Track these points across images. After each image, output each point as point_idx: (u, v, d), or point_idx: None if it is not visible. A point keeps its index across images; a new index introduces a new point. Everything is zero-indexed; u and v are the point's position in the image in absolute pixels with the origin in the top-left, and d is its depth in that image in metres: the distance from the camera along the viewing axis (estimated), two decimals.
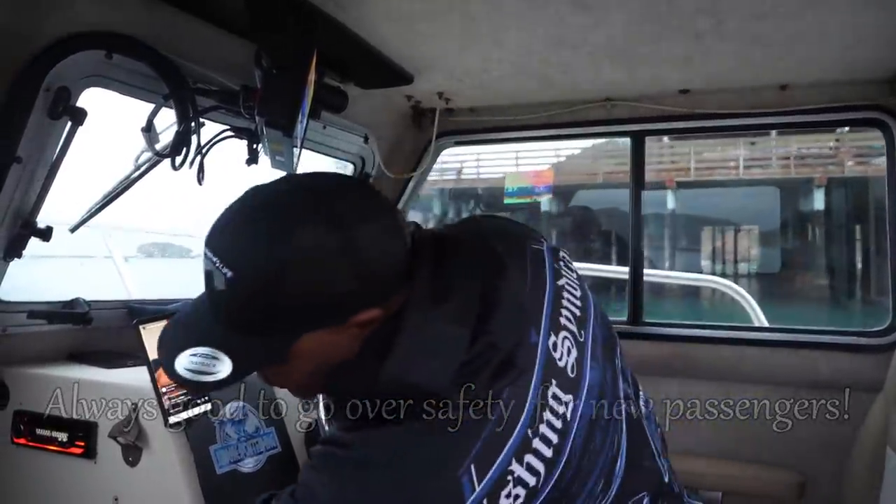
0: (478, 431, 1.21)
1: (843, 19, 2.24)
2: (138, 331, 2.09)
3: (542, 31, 2.39)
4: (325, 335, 1.27)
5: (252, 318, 1.23)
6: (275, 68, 2.17)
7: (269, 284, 1.19)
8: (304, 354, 1.28)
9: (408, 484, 1.19)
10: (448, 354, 1.25)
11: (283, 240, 1.18)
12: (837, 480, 2.78)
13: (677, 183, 32.81)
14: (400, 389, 1.23)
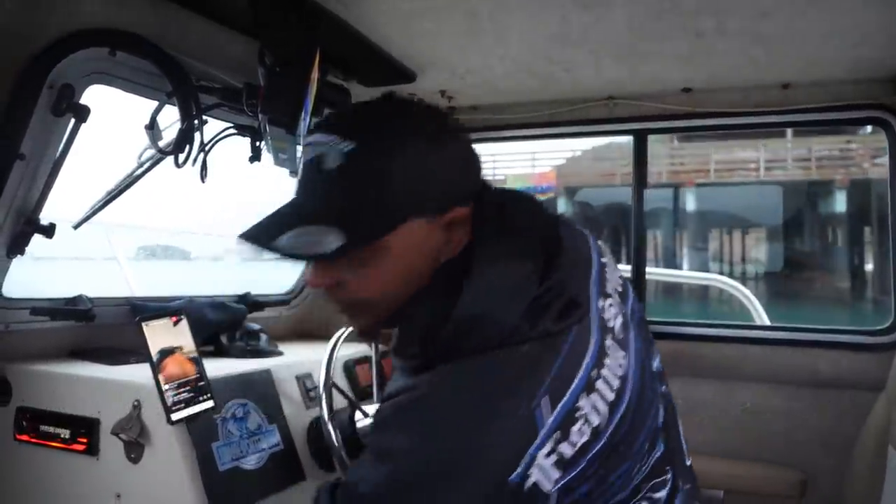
0: (548, 366, 1.25)
1: (846, 18, 2.24)
2: (141, 328, 2.09)
3: (545, 30, 2.39)
4: (421, 229, 1.31)
5: (366, 192, 1.27)
6: (278, 66, 2.17)
7: (387, 157, 1.26)
8: (397, 249, 1.30)
9: (484, 417, 1.21)
10: (520, 289, 1.29)
11: (404, 119, 1.33)
12: (839, 479, 2.78)
13: (696, 184, 32.93)
14: (472, 322, 1.26)
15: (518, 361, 1.26)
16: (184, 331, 2.21)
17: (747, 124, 3.19)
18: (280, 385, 2.60)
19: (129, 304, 2.72)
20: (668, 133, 3.41)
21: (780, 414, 3.01)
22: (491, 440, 1.19)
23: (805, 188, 32.47)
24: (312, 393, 2.71)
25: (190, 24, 2.25)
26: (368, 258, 1.31)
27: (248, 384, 2.48)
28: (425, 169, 1.30)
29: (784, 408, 3.02)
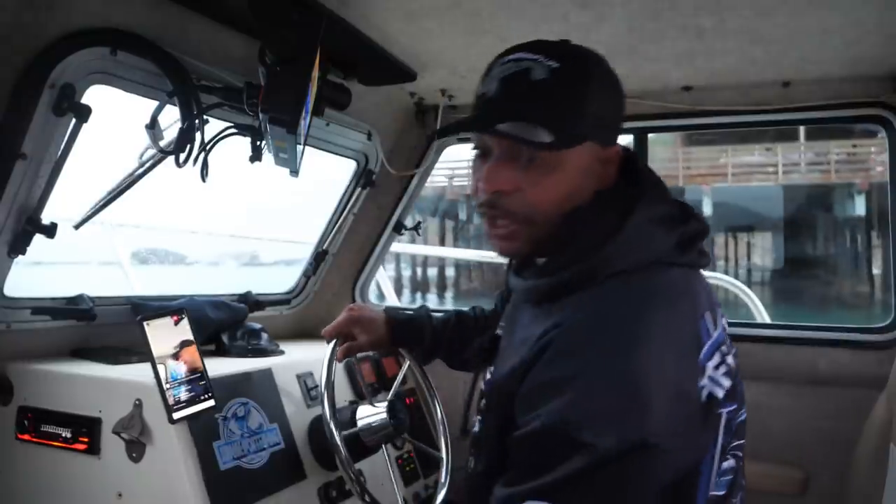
0: (700, 289, 1.51)
1: (846, 16, 2.25)
2: (142, 327, 2.09)
3: (546, 28, 2.39)
4: (592, 154, 1.51)
5: (568, 103, 1.47)
6: (278, 65, 2.17)
7: (584, 81, 1.49)
8: (572, 166, 1.49)
9: (656, 329, 1.33)
10: (675, 222, 1.50)
11: (595, 60, 1.55)
12: (840, 476, 2.78)
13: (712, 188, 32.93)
14: (639, 240, 1.45)
15: (676, 280, 1.46)
16: (185, 330, 2.22)
17: (747, 122, 3.19)
18: (281, 384, 2.61)
19: (130, 304, 2.72)
20: (668, 132, 3.40)
21: (782, 412, 3.01)
22: (666, 350, 1.31)
23: (830, 192, 32.62)
24: (313, 392, 2.72)
25: (190, 24, 2.25)
26: (549, 169, 1.48)
27: (249, 383, 2.48)
28: (607, 101, 1.54)
29: (785, 406, 3.02)
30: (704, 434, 1.37)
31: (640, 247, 1.44)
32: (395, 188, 3.62)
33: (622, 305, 1.38)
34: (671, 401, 1.28)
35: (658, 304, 1.38)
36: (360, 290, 3.89)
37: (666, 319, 1.36)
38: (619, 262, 1.43)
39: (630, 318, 1.35)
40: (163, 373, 2.09)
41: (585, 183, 1.51)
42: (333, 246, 3.62)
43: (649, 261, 1.44)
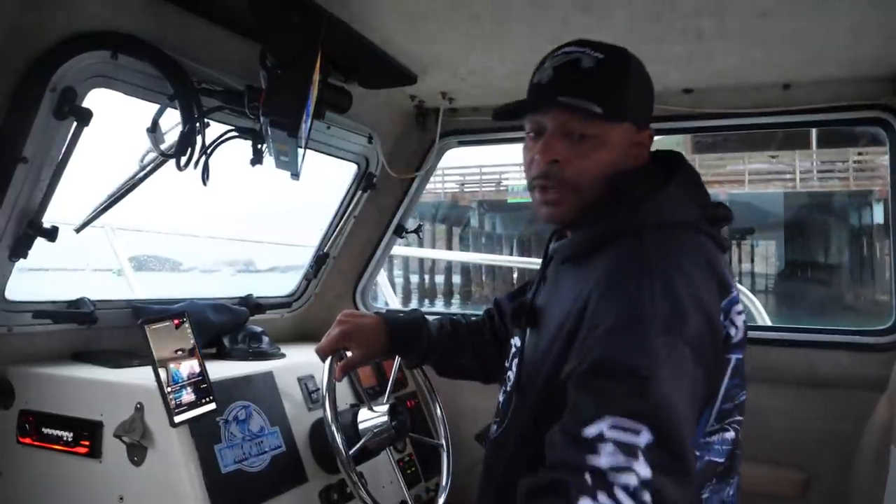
0: (721, 255, 1.71)
1: (845, 18, 2.25)
2: (144, 330, 2.09)
3: (546, 31, 2.39)
4: (629, 134, 1.76)
5: (608, 87, 1.71)
6: (279, 68, 2.18)
7: (624, 70, 1.76)
8: (613, 143, 1.73)
9: (692, 266, 1.58)
10: (704, 200, 1.78)
11: (632, 56, 1.79)
12: (841, 479, 2.78)
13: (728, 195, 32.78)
14: (675, 200, 1.71)
15: (703, 241, 1.69)
16: (186, 333, 2.22)
17: (748, 125, 3.19)
18: (282, 387, 2.61)
19: (132, 307, 2.73)
20: (668, 134, 3.38)
21: (782, 414, 3.01)
22: (698, 279, 1.56)
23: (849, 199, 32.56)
24: (314, 395, 2.72)
25: (191, 27, 2.25)
26: (596, 144, 1.72)
27: (250, 386, 2.48)
28: (643, 89, 1.82)
29: (786, 408, 3.02)
30: (720, 366, 1.60)
31: (674, 207, 1.70)
32: (395, 191, 3.62)
33: (658, 245, 1.60)
34: (703, 318, 1.51)
35: (689, 248, 1.64)
36: (361, 293, 3.89)
37: (696, 259, 1.61)
38: (655, 217, 1.66)
39: (664, 254, 1.58)
40: (164, 376, 2.09)
41: (623, 160, 1.75)
42: (334, 249, 3.62)
43: (681, 221, 1.69)
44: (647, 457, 1.30)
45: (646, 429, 1.32)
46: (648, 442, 1.31)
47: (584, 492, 1.29)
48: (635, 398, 1.36)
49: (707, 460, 1.65)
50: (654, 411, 1.35)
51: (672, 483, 1.31)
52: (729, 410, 1.68)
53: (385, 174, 3.41)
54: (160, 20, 2.15)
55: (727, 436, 1.69)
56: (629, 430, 1.33)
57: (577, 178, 1.73)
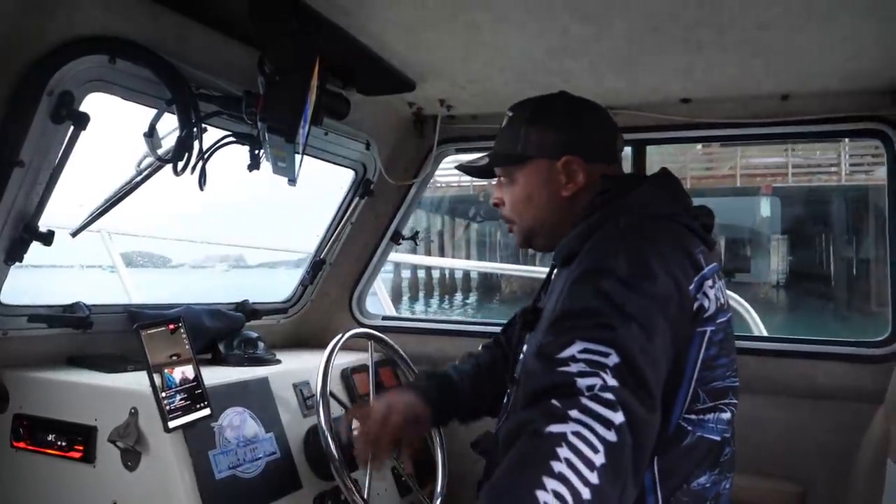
0: (697, 243, 1.75)
1: (844, 30, 2.25)
2: (139, 335, 2.09)
3: (545, 40, 2.39)
4: (543, 167, 1.96)
5: (500, 143, 2.06)
6: (277, 74, 2.17)
7: (521, 119, 2.01)
8: (524, 178, 2.00)
9: (665, 244, 1.67)
10: (682, 196, 1.91)
11: (541, 100, 2.04)
12: (838, 491, 2.78)
13: (773, 189, 32.14)
14: (640, 201, 1.83)
15: (677, 228, 1.77)
16: (181, 338, 2.22)
17: (746, 135, 3.19)
18: (277, 393, 2.60)
19: (127, 312, 2.72)
20: (666, 143, 3.40)
21: (778, 425, 3.01)
22: (677, 254, 1.66)
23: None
24: (309, 401, 2.71)
25: (189, 32, 2.25)
26: (508, 184, 2.04)
27: (245, 392, 2.48)
28: (553, 127, 1.98)
29: (782, 419, 3.01)
30: (689, 331, 1.63)
31: (649, 202, 1.83)
32: (393, 198, 3.62)
33: (631, 225, 1.72)
34: (671, 281, 1.58)
35: (663, 230, 1.73)
36: (357, 300, 3.89)
37: (668, 238, 1.70)
38: (628, 211, 1.79)
39: (638, 230, 1.70)
40: (159, 381, 2.09)
41: (547, 188, 1.97)
42: (331, 255, 3.62)
43: (657, 213, 1.79)
44: (614, 372, 1.36)
45: (613, 352, 1.39)
46: (616, 362, 1.37)
47: (556, 418, 1.30)
48: (602, 329, 1.44)
49: (699, 436, 1.69)
50: (621, 340, 1.41)
51: (637, 400, 1.35)
52: (722, 390, 1.74)
53: (382, 181, 3.41)
54: (158, 25, 2.15)
55: (723, 416, 1.75)
56: (598, 352, 1.39)
57: (509, 213, 2.07)
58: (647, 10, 2.14)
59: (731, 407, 1.78)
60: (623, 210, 1.81)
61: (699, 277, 1.66)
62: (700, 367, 1.66)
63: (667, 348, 1.53)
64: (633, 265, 1.56)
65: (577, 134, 1.98)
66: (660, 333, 1.50)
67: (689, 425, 1.67)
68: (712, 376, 1.70)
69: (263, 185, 4.15)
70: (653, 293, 1.53)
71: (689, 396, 1.66)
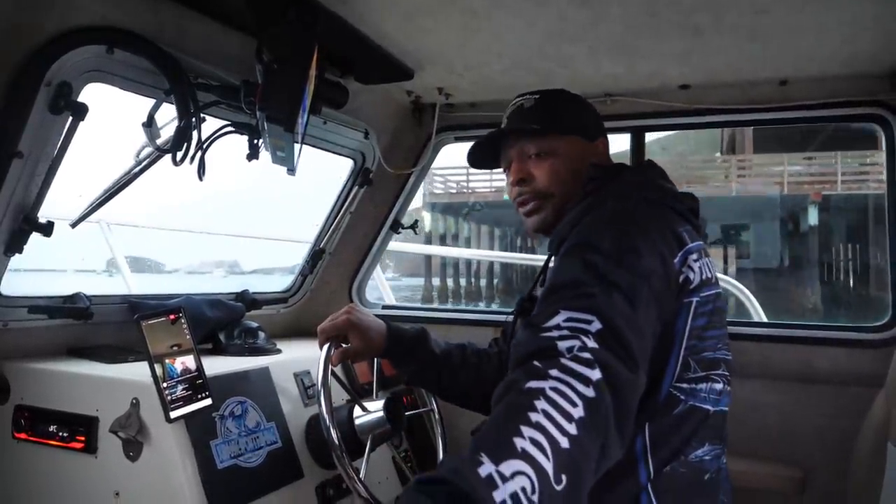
0: (682, 223, 1.82)
1: (842, 14, 2.24)
2: (140, 326, 2.09)
3: (542, 26, 2.39)
4: (578, 145, 2.11)
5: (543, 114, 2.13)
6: (275, 63, 2.17)
7: (559, 99, 2.18)
8: (561, 152, 2.09)
9: (651, 220, 1.75)
10: (666, 182, 2.01)
11: (563, 91, 2.22)
12: (838, 475, 2.78)
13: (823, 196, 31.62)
14: (627, 185, 1.95)
15: (663, 209, 1.85)
16: (182, 329, 2.22)
17: (745, 121, 3.19)
18: (278, 383, 2.60)
19: (127, 303, 2.72)
20: (665, 130, 3.41)
21: (779, 410, 3.01)
22: (662, 231, 1.72)
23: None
24: (310, 390, 2.72)
25: (187, 22, 2.25)
26: (547, 156, 2.09)
27: (246, 382, 2.48)
28: (582, 112, 2.19)
29: (782, 404, 3.02)
30: (675, 304, 1.69)
31: (635, 185, 1.94)
32: (392, 186, 3.62)
33: (616, 206, 1.82)
34: (657, 259, 1.64)
35: (648, 209, 1.82)
36: (357, 289, 3.89)
37: (653, 216, 1.78)
38: (617, 192, 1.90)
39: (622, 212, 1.78)
40: (160, 372, 2.09)
41: (580, 166, 2.06)
42: (330, 244, 3.62)
43: (643, 197, 1.87)
44: (595, 337, 1.39)
45: (595, 318, 1.42)
46: (598, 328, 1.41)
47: (536, 376, 1.32)
48: (585, 297, 1.48)
49: (691, 405, 1.74)
50: (603, 307, 1.45)
51: (617, 360, 1.38)
52: (713, 361, 1.78)
53: (381, 169, 3.41)
54: (156, 15, 2.15)
55: (715, 386, 1.78)
56: (581, 319, 1.42)
57: (544, 186, 2.09)
58: None
59: (723, 378, 1.82)
60: (612, 195, 1.90)
61: (683, 252, 1.72)
62: (689, 336, 1.71)
63: (651, 321, 1.58)
64: (618, 242, 1.61)
65: (596, 120, 2.21)
66: (643, 305, 1.54)
67: (682, 394, 1.72)
68: (702, 346, 1.75)
69: (261, 174, 4.14)
70: (637, 267, 1.58)
71: (678, 365, 1.71)
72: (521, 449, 1.15)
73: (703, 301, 1.73)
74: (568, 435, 1.21)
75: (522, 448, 1.16)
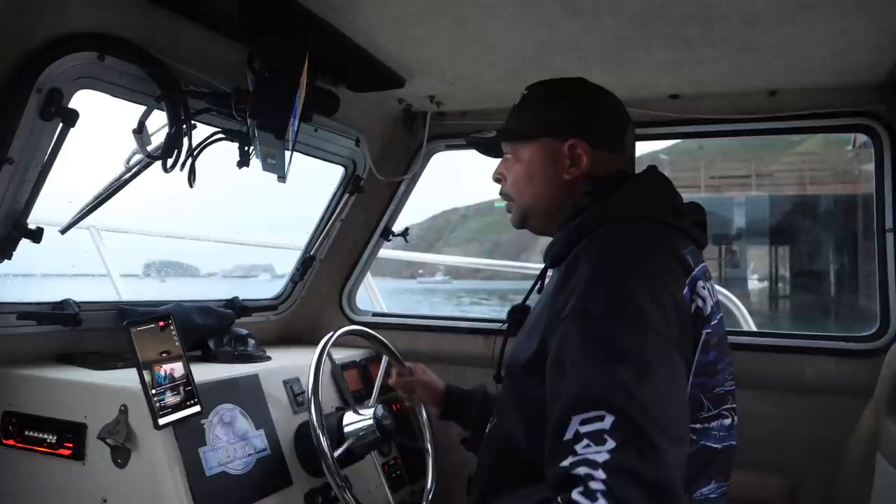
0: (685, 241, 1.78)
1: (832, 25, 2.25)
2: (129, 332, 2.09)
3: (534, 36, 2.39)
4: (548, 147, 1.96)
5: (511, 119, 2.07)
6: (267, 71, 2.17)
7: (536, 97, 2.04)
8: (529, 156, 1.99)
9: (652, 251, 1.67)
10: (669, 194, 1.91)
11: (554, 81, 2.08)
12: (828, 485, 2.79)
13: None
14: (625, 203, 1.83)
15: (664, 230, 1.78)
16: (171, 335, 2.21)
17: (734, 131, 3.19)
18: (268, 390, 2.60)
19: (117, 309, 2.72)
20: (654, 139, 3.40)
21: (768, 420, 3.01)
22: (664, 262, 1.65)
23: None
24: (300, 398, 2.72)
25: (179, 29, 2.25)
26: (513, 160, 2.03)
27: (235, 389, 2.48)
28: (567, 108, 1.98)
29: (771, 414, 3.02)
30: (690, 338, 1.62)
31: (633, 203, 1.82)
32: (383, 194, 3.62)
33: (611, 242, 1.71)
34: (670, 302, 1.57)
35: (647, 236, 1.74)
36: (348, 297, 3.89)
37: (654, 246, 1.70)
38: (616, 212, 1.80)
39: (618, 251, 1.68)
40: (149, 378, 2.08)
41: (551, 170, 1.96)
42: (321, 252, 3.62)
43: (643, 216, 1.79)
44: (614, 434, 1.35)
45: (606, 413, 1.38)
46: (612, 422, 1.36)
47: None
48: (592, 388, 1.43)
49: (702, 445, 1.68)
50: (611, 394, 1.40)
51: (637, 453, 1.34)
52: (723, 395, 1.73)
53: (372, 177, 3.41)
54: (148, 22, 2.15)
55: (725, 422, 1.74)
56: (593, 419, 1.38)
57: (509, 189, 2.07)
58: (635, 5, 2.14)
59: (731, 412, 1.77)
60: (607, 213, 1.81)
61: (691, 280, 1.66)
62: (696, 373, 1.64)
63: (677, 372, 1.54)
64: (621, 303, 1.54)
65: (587, 119, 1.96)
66: (672, 365, 1.51)
67: (693, 434, 1.65)
68: (714, 382, 1.69)
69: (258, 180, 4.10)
70: (652, 325, 1.51)
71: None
72: None
73: (713, 332, 1.68)
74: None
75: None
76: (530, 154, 1.99)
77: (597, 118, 1.98)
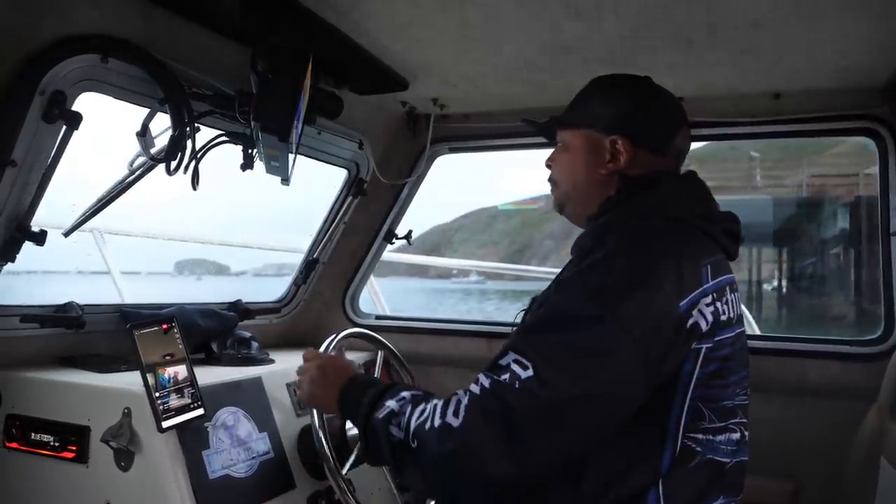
0: (710, 249, 1.79)
1: (835, 28, 2.25)
2: (132, 335, 2.08)
3: (537, 38, 2.39)
4: (588, 138, 1.99)
5: (569, 107, 2.09)
6: (270, 73, 2.17)
7: (589, 89, 2.09)
8: (573, 146, 2.03)
9: (666, 253, 1.68)
10: (705, 200, 1.94)
11: (606, 77, 2.11)
12: (831, 489, 2.78)
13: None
14: (657, 202, 1.85)
15: (691, 233, 1.79)
16: (175, 338, 2.21)
17: (738, 134, 3.19)
18: (271, 393, 2.60)
19: (120, 312, 2.71)
20: None
21: (772, 423, 3.00)
22: (670, 270, 1.64)
23: None
24: None
25: (182, 31, 2.25)
26: (562, 148, 2.07)
27: (238, 392, 2.48)
28: (613, 103, 2.01)
29: (775, 417, 3.01)
30: (679, 353, 1.63)
31: (663, 204, 1.84)
32: (386, 197, 3.62)
33: (633, 233, 1.75)
34: (650, 307, 1.59)
35: (665, 236, 1.75)
36: (351, 299, 3.89)
37: (668, 247, 1.70)
38: (643, 210, 1.83)
39: (633, 240, 1.73)
40: (152, 381, 2.08)
41: (591, 161, 1.97)
42: (324, 255, 3.62)
43: (671, 216, 1.81)
44: (523, 381, 1.56)
45: (531, 366, 1.56)
46: (529, 375, 1.56)
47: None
48: (533, 342, 1.62)
49: (709, 458, 1.69)
50: (541, 357, 1.58)
51: (528, 397, 1.55)
52: (731, 409, 1.74)
53: (376, 180, 3.41)
54: (151, 24, 2.15)
55: (733, 436, 1.74)
56: (521, 363, 1.58)
57: (555, 176, 2.10)
58: (638, 7, 2.14)
59: (740, 427, 1.78)
60: (635, 211, 1.85)
61: (696, 294, 1.65)
62: (696, 384, 1.65)
63: (618, 360, 1.58)
64: (607, 282, 1.63)
65: (633, 117, 1.98)
66: (621, 363, 1.57)
67: (698, 446, 1.67)
68: (719, 395, 1.70)
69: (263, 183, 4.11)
70: (621, 314, 1.57)
71: (685, 414, 1.66)
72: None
73: (717, 346, 1.67)
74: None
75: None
76: (575, 143, 2.02)
77: (643, 118, 1.99)
